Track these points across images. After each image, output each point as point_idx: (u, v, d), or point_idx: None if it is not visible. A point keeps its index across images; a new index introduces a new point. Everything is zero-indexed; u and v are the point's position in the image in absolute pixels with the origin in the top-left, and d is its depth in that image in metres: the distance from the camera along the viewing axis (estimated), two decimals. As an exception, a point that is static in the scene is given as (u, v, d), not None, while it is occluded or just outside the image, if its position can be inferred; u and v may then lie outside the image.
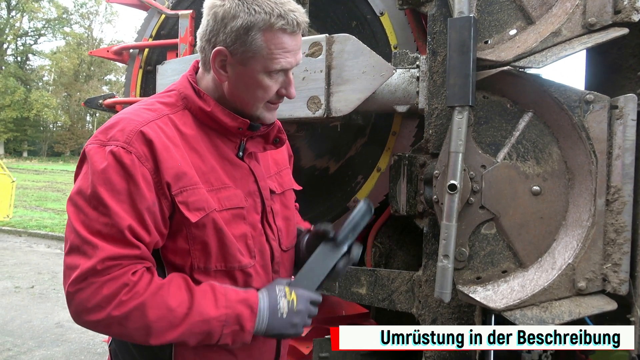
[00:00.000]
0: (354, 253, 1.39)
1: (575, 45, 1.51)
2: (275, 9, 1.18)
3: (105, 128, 1.20)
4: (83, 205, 1.13)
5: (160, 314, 1.13)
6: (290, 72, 1.29)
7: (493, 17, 1.65)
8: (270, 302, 1.23)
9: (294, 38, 1.23)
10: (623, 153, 1.48)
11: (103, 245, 1.10)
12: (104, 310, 1.10)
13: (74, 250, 1.13)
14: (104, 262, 1.10)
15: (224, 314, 1.17)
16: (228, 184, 1.28)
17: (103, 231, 1.11)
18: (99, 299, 1.10)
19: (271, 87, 1.26)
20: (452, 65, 1.58)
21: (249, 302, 1.22)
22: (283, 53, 1.22)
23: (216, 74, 1.26)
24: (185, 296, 1.17)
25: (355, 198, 2.29)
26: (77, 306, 1.12)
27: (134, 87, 2.83)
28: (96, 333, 5.53)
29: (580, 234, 1.52)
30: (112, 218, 1.11)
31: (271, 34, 1.19)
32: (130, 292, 1.11)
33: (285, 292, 1.25)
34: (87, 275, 1.10)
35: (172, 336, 1.14)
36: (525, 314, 1.53)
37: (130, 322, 1.12)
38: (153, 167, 1.17)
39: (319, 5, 2.36)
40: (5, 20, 48.13)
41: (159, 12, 2.75)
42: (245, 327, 1.19)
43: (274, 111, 1.34)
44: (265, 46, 1.20)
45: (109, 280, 1.10)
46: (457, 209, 1.57)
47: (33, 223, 11.96)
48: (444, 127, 1.74)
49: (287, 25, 1.19)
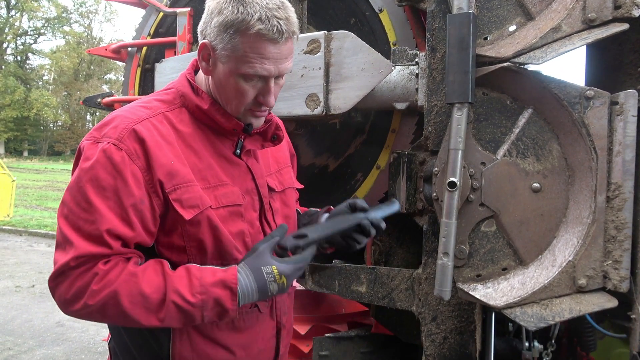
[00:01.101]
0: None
1: (575, 41, 1.50)
2: (259, 12, 1.15)
3: (100, 125, 1.21)
4: (68, 200, 1.16)
5: (134, 301, 1.13)
6: (272, 80, 1.23)
7: (492, 13, 1.63)
8: (259, 285, 1.20)
9: (276, 46, 1.18)
10: (623, 149, 1.47)
11: (79, 242, 1.12)
12: (81, 301, 1.13)
13: (57, 245, 1.17)
14: (77, 259, 1.12)
15: (200, 300, 1.16)
16: (225, 181, 1.28)
17: (82, 227, 1.13)
18: (74, 291, 1.13)
19: (247, 91, 1.23)
20: (451, 61, 1.57)
21: (227, 283, 1.19)
22: (259, 58, 1.18)
23: (201, 67, 1.27)
24: (160, 282, 1.16)
25: (355, 196, 2.28)
26: (58, 298, 1.16)
27: (132, 85, 2.82)
28: (96, 332, 5.51)
29: (581, 231, 1.51)
30: (92, 214, 1.13)
31: (248, 37, 1.16)
32: (102, 282, 1.12)
33: (274, 276, 1.21)
34: (63, 269, 1.13)
35: (152, 321, 1.15)
36: (526, 312, 1.52)
37: (108, 309, 1.13)
38: (144, 164, 1.17)
39: (317, 2, 2.35)
40: (4, 20, 48.10)
41: (157, 9, 2.73)
42: (227, 306, 1.18)
43: (259, 118, 1.31)
44: (241, 48, 1.17)
45: (82, 272, 1.13)
46: (456, 207, 1.56)
47: (33, 222, 11.97)
48: (444, 124, 1.73)
49: (266, 31, 1.15)
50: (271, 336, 1.41)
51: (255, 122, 1.31)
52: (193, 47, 2.54)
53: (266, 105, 1.27)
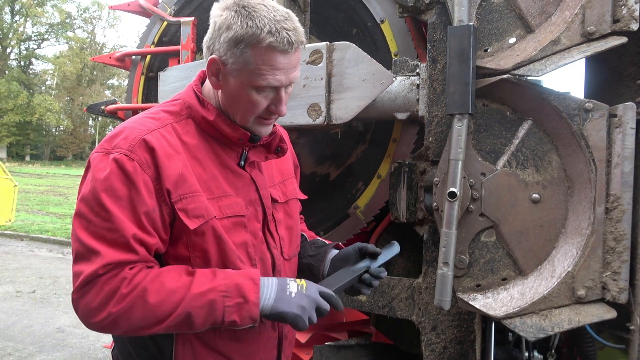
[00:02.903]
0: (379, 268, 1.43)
1: (575, 54, 1.52)
2: (268, 25, 1.17)
3: (110, 137, 1.23)
4: (86, 212, 1.16)
5: (161, 298, 1.15)
6: (282, 89, 1.26)
7: (493, 25, 1.66)
8: (279, 282, 1.24)
9: (286, 56, 1.21)
10: (622, 161, 1.48)
11: (105, 250, 1.13)
12: (108, 306, 1.13)
13: (78, 257, 1.16)
14: (105, 267, 1.13)
15: (222, 284, 1.18)
16: (229, 192, 1.29)
17: (106, 236, 1.14)
18: (102, 297, 1.13)
19: (259, 102, 1.25)
20: (451, 73, 1.59)
21: (250, 275, 1.22)
22: (271, 70, 1.20)
23: (211, 81, 1.29)
24: (185, 278, 1.19)
25: (355, 205, 2.30)
26: (82, 309, 1.15)
27: (136, 93, 2.85)
28: (96, 338, 5.49)
29: (580, 242, 1.52)
30: (114, 223, 1.14)
31: (259, 50, 1.18)
32: (130, 284, 1.14)
33: (295, 280, 1.27)
34: (90, 279, 1.13)
35: (175, 315, 1.15)
36: (525, 322, 1.53)
37: (135, 312, 1.14)
38: (154, 174, 1.19)
39: (320, 12, 2.37)
40: (8, 25, 48.41)
41: (161, 19, 2.76)
42: (249, 297, 1.19)
43: (267, 126, 1.33)
44: (253, 61, 1.19)
45: (110, 278, 1.13)
46: (457, 217, 1.57)
47: (35, 227, 11.97)
48: (444, 135, 1.75)
49: (277, 43, 1.17)
50: (273, 346, 1.41)
51: (263, 131, 1.33)
52: (196, 55, 2.57)
53: (279, 114, 1.30)
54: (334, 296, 1.28)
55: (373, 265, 1.41)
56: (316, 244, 1.59)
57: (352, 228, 2.29)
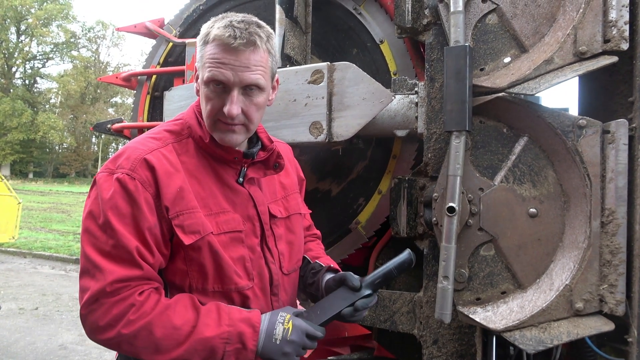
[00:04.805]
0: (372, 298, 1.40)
1: (567, 73, 1.56)
2: (223, 21, 1.25)
3: (114, 157, 1.29)
4: (93, 229, 1.21)
5: (166, 333, 1.19)
6: (235, 90, 1.25)
7: (488, 45, 1.71)
8: (268, 326, 1.27)
9: (232, 52, 1.22)
10: (616, 176, 1.52)
11: (112, 267, 1.18)
12: (114, 329, 1.17)
13: (85, 273, 1.21)
14: (112, 285, 1.17)
15: (226, 331, 1.22)
16: (227, 208, 1.34)
17: (112, 253, 1.19)
18: (109, 319, 1.17)
19: (211, 99, 1.27)
20: (449, 91, 1.64)
21: (252, 322, 1.26)
22: (216, 63, 1.23)
23: (196, 89, 1.37)
24: (190, 315, 1.22)
25: (357, 220, 2.33)
26: (90, 326, 1.19)
27: (142, 112, 2.91)
28: (99, 355, 5.47)
29: (577, 255, 1.55)
30: (119, 240, 1.19)
31: (209, 45, 1.26)
32: (138, 312, 1.18)
33: (284, 319, 1.28)
34: (97, 296, 1.17)
35: (177, 353, 1.19)
36: (525, 335, 1.55)
37: (139, 340, 1.18)
38: (155, 191, 1.24)
39: (321, 33, 2.44)
40: (14, 45, 49.08)
41: (167, 40, 2.84)
42: (247, 345, 1.23)
43: (230, 133, 1.30)
44: (204, 55, 1.27)
45: (118, 301, 1.17)
46: (456, 231, 1.60)
47: (38, 244, 12.00)
48: (443, 151, 1.79)
49: (224, 37, 1.21)
50: None
51: (226, 138, 1.31)
52: (201, 75, 2.63)
53: (228, 115, 1.25)
54: (320, 335, 1.32)
55: (367, 282, 1.39)
56: (314, 269, 1.59)
57: (354, 243, 2.33)
